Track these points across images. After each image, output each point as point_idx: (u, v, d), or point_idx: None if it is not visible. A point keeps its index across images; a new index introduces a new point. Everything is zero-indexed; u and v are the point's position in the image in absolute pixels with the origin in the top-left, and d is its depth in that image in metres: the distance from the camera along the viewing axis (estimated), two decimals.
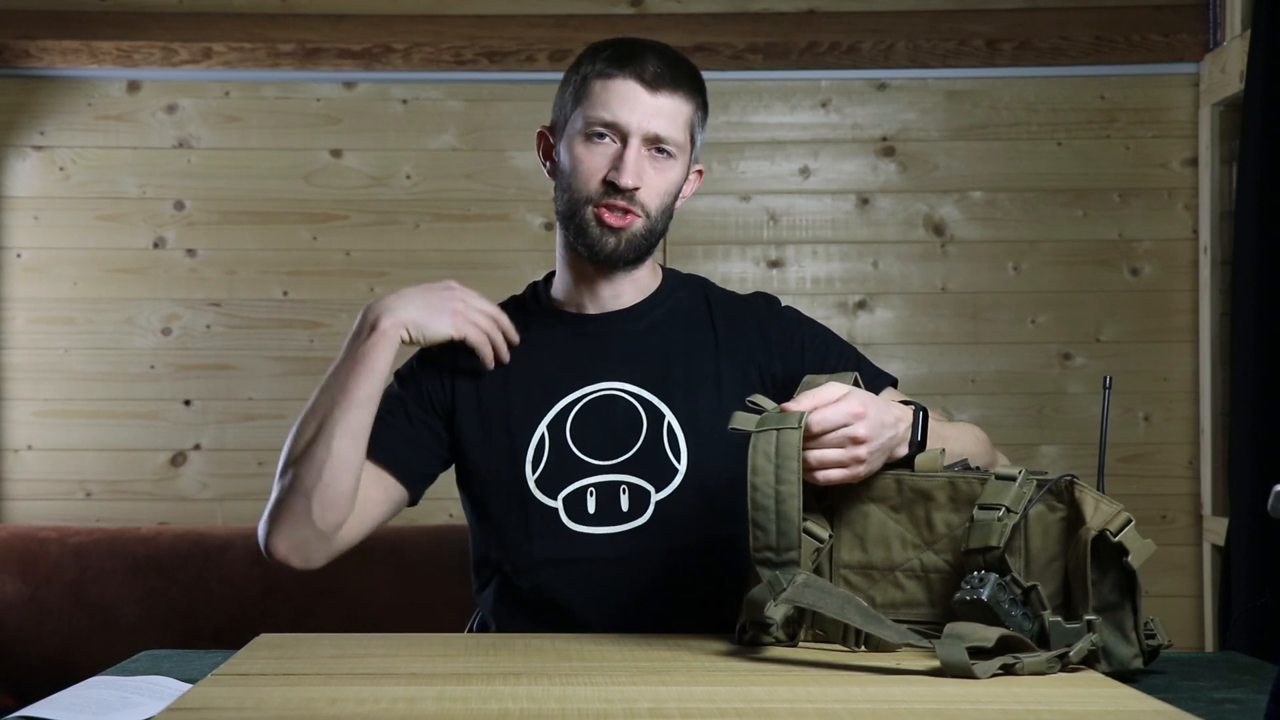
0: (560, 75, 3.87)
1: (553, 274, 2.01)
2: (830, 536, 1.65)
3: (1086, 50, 3.62)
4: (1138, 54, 3.61)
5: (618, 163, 1.85)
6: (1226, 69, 3.43)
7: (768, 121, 3.69)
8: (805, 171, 3.70)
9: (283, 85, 3.67)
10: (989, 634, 1.47)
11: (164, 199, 3.67)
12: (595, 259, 1.89)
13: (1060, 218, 3.68)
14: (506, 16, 3.62)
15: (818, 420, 1.58)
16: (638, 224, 1.87)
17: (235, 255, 3.67)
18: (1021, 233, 3.67)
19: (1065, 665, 1.49)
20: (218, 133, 3.67)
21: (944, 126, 3.69)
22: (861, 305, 3.67)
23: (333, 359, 1.89)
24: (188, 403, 3.65)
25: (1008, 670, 1.45)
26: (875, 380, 1.91)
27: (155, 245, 3.66)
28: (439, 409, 1.92)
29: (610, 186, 1.85)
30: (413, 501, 1.92)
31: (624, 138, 1.85)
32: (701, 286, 2.01)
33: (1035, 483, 1.59)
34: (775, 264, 3.68)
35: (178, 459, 3.65)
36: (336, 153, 3.68)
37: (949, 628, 1.49)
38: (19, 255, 3.65)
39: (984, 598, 1.52)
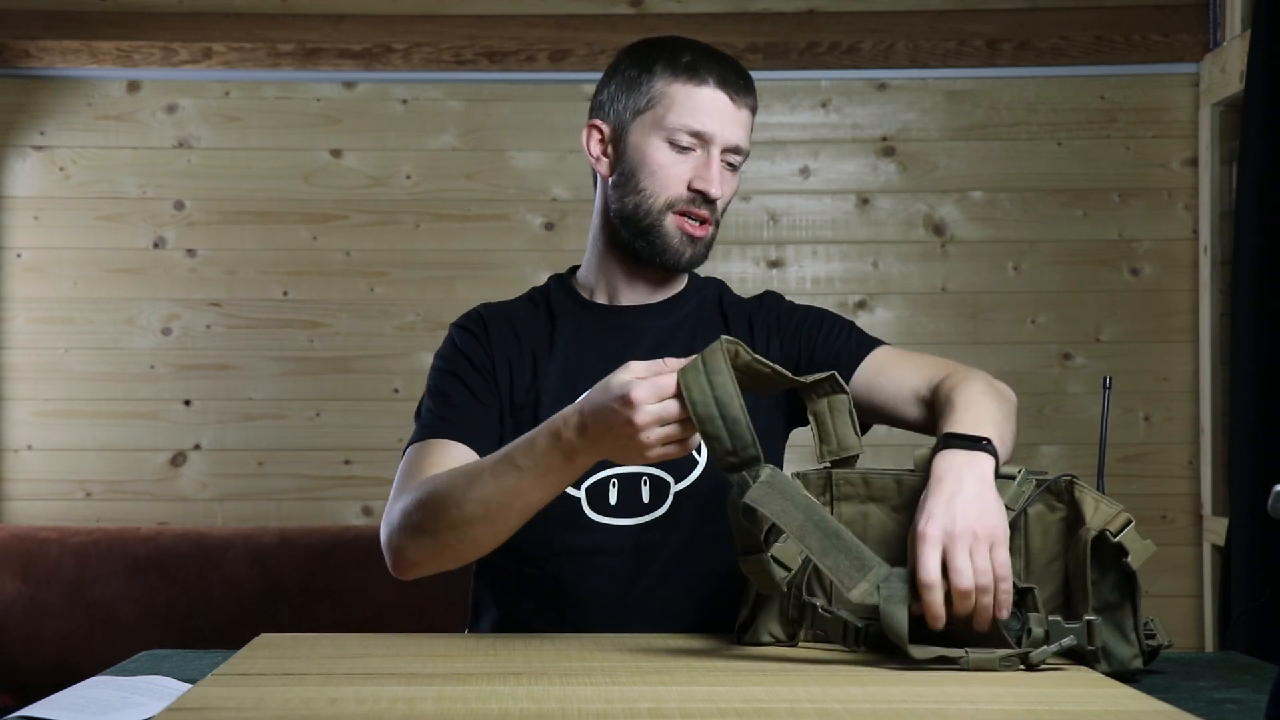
0: (560, 75, 3.86)
1: (574, 269, 2.02)
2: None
3: (1086, 50, 3.62)
4: (1138, 54, 3.61)
5: (703, 171, 1.87)
6: (1226, 69, 3.43)
7: (767, 121, 3.69)
8: (805, 171, 3.70)
9: (283, 85, 3.67)
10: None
11: (164, 199, 3.67)
12: (668, 266, 1.90)
13: (1060, 218, 3.68)
14: (506, 16, 3.63)
15: (924, 582, 1.51)
16: (710, 233, 1.91)
17: (235, 255, 3.67)
18: (1021, 233, 3.67)
19: (1029, 666, 1.48)
20: (218, 133, 3.67)
21: (944, 126, 3.69)
22: (861, 305, 3.67)
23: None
24: (188, 403, 3.65)
25: (947, 662, 1.45)
26: (863, 347, 1.91)
27: (155, 245, 3.66)
28: (491, 376, 1.91)
29: (698, 195, 1.87)
30: None
31: (707, 146, 1.87)
32: (717, 289, 2.03)
33: (1034, 482, 1.59)
34: (775, 264, 3.68)
35: (178, 459, 3.65)
36: (336, 153, 3.68)
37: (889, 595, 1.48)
38: (19, 255, 3.65)
39: None
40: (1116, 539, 1.51)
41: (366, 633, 1.81)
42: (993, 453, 1.59)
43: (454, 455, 1.82)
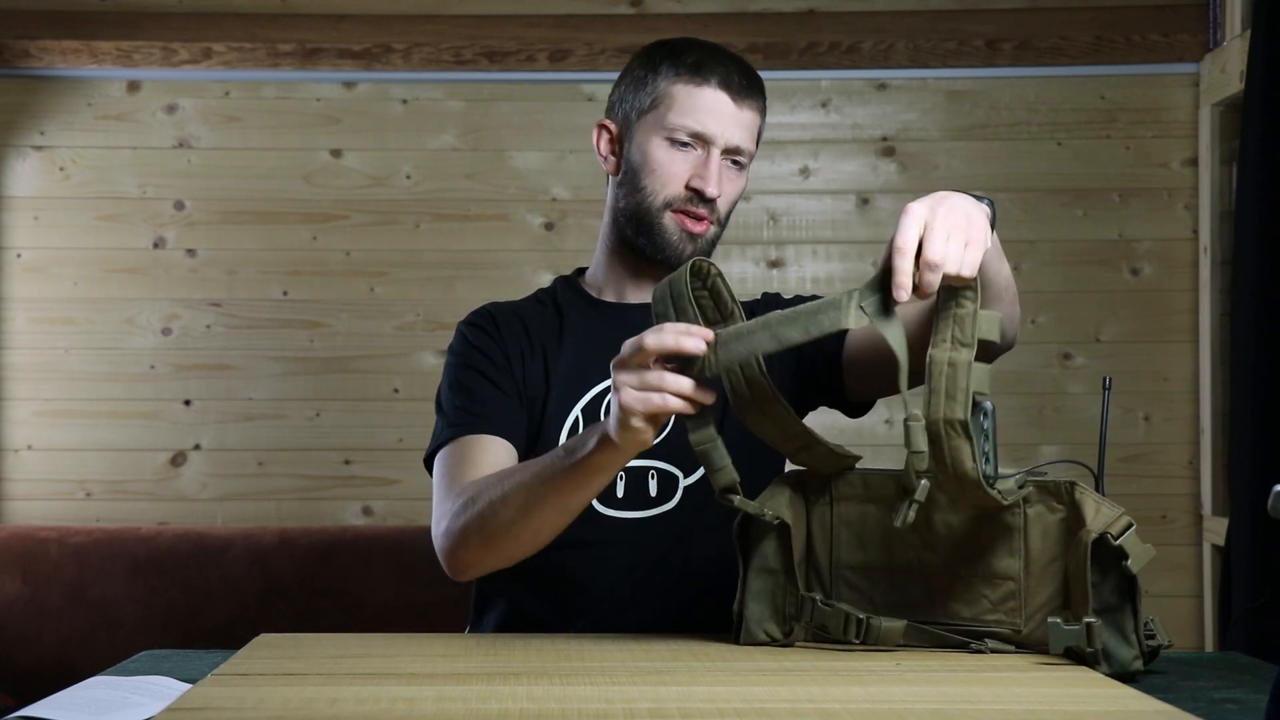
0: (560, 75, 3.85)
1: (580, 270, 2.04)
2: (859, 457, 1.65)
3: (1086, 50, 3.62)
4: (1138, 54, 3.61)
5: (701, 170, 1.88)
6: (1226, 69, 3.43)
7: (768, 121, 3.68)
8: (805, 171, 3.70)
9: (283, 85, 3.67)
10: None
11: (164, 199, 3.67)
12: (669, 263, 1.89)
13: (1060, 218, 3.67)
14: (506, 16, 3.63)
15: (899, 246, 1.49)
16: (711, 231, 1.91)
17: (235, 255, 3.67)
18: (1021, 233, 3.66)
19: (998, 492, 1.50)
20: (218, 133, 3.67)
21: (944, 126, 3.69)
22: None
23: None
24: (188, 403, 3.65)
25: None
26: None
27: (155, 245, 3.66)
28: (507, 367, 1.92)
29: (695, 194, 1.88)
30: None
31: (707, 146, 1.89)
32: None
33: (1032, 488, 1.59)
34: (775, 264, 3.68)
35: (178, 459, 3.64)
36: (336, 153, 3.67)
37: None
38: (19, 255, 3.65)
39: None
40: (1117, 542, 1.51)
41: (366, 633, 1.81)
42: (991, 209, 1.57)
43: (490, 450, 1.83)
